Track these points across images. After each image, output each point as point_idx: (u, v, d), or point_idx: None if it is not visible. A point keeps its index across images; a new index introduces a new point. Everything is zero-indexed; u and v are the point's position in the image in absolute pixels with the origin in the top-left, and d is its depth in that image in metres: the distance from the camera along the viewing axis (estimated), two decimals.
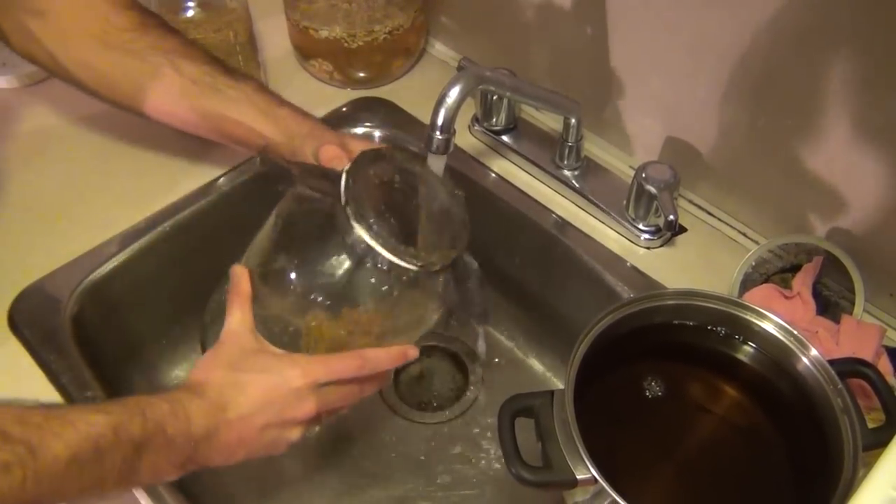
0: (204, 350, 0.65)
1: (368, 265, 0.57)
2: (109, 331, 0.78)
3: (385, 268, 0.57)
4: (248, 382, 0.56)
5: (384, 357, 0.60)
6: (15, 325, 0.71)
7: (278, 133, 0.70)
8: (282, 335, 0.60)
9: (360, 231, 0.56)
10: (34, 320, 0.72)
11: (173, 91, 0.71)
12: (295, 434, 0.59)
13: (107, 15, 0.70)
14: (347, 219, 0.56)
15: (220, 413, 0.55)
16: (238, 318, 0.59)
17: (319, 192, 0.60)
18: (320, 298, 0.59)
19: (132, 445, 0.51)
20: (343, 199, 0.57)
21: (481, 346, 0.72)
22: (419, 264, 0.58)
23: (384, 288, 0.59)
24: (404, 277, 0.58)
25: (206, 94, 0.70)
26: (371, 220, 0.56)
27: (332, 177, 0.59)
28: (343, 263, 0.58)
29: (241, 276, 0.60)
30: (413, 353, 0.62)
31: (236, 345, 0.58)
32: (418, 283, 0.59)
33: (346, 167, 0.59)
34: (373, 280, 0.58)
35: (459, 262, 0.63)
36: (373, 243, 0.56)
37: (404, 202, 0.62)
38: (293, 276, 0.60)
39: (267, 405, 0.56)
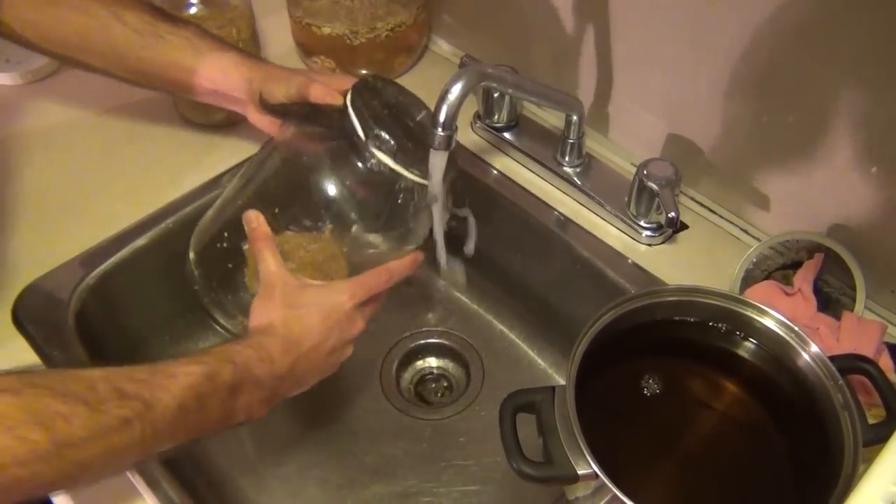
0: (213, 318, 0.69)
1: (376, 183, 0.63)
2: (113, 327, 0.79)
3: (408, 187, 0.63)
4: (308, 315, 0.60)
5: (403, 267, 0.66)
6: (19, 321, 0.72)
7: (221, 74, 0.71)
8: (306, 266, 0.64)
9: (385, 158, 0.61)
10: (38, 316, 0.72)
11: (118, 43, 0.71)
12: (349, 350, 0.65)
13: None
14: (365, 147, 0.61)
15: (296, 347, 0.60)
16: (272, 261, 0.62)
17: (326, 127, 0.64)
18: (325, 219, 0.63)
19: (227, 389, 0.55)
20: (362, 133, 0.61)
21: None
22: (427, 179, 0.63)
23: (404, 207, 0.64)
24: (408, 191, 0.64)
25: (150, 43, 0.71)
26: (392, 146, 0.61)
27: (332, 112, 0.64)
28: (350, 183, 0.63)
29: (257, 219, 0.63)
30: (420, 257, 0.69)
31: (282, 285, 0.61)
32: (414, 196, 0.65)
33: (349, 100, 0.63)
34: (380, 196, 0.63)
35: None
36: (399, 168, 0.61)
37: (400, 125, 0.66)
38: (297, 200, 0.64)
39: (329, 331, 0.61)
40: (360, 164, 0.62)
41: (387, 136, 0.61)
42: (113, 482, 0.62)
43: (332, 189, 0.63)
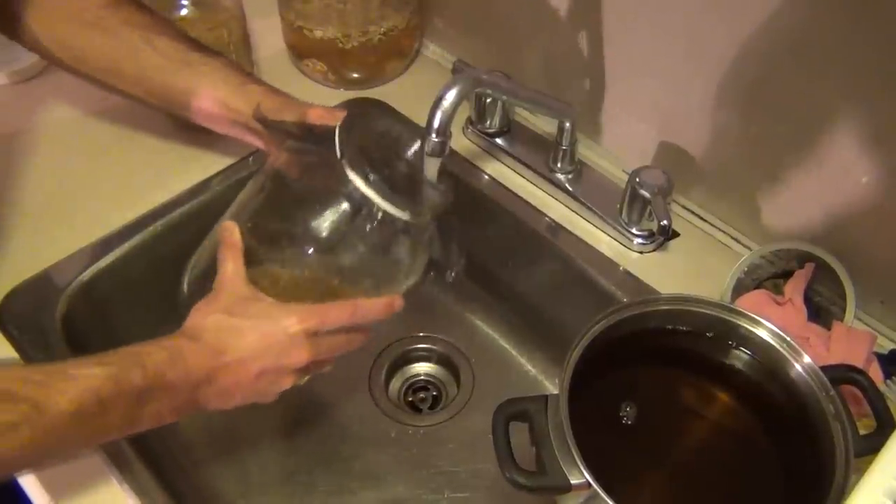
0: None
1: (362, 214, 0.60)
2: (100, 330, 0.78)
3: (378, 216, 0.59)
4: (246, 328, 0.57)
5: (374, 306, 0.61)
6: (4, 324, 0.71)
7: (248, 107, 0.70)
8: (273, 287, 0.61)
9: (357, 180, 0.58)
10: (24, 320, 0.71)
11: (147, 67, 0.71)
12: (287, 382, 0.60)
13: None
14: (343, 169, 0.58)
15: (219, 356, 0.56)
16: (231, 268, 0.59)
17: (313, 145, 0.62)
18: (312, 250, 0.61)
19: (134, 395, 0.52)
20: (339, 152, 0.58)
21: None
22: (411, 214, 0.60)
23: (376, 237, 0.61)
24: (397, 226, 0.60)
25: (179, 69, 0.71)
26: (367, 170, 0.58)
27: (323, 133, 0.61)
28: (336, 214, 0.60)
29: (231, 229, 0.61)
30: (399, 303, 0.63)
31: (232, 292, 0.58)
32: (408, 233, 0.62)
33: (339, 122, 0.61)
34: (366, 228, 0.60)
35: (444, 220, 0.65)
36: (368, 191, 0.58)
37: (392, 159, 0.64)
38: (286, 228, 0.62)
39: (263, 351, 0.57)
40: (343, 195, 0.60)
41: (363, 160, 0.59)
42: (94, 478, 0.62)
43: (314, 217, 0.61)
